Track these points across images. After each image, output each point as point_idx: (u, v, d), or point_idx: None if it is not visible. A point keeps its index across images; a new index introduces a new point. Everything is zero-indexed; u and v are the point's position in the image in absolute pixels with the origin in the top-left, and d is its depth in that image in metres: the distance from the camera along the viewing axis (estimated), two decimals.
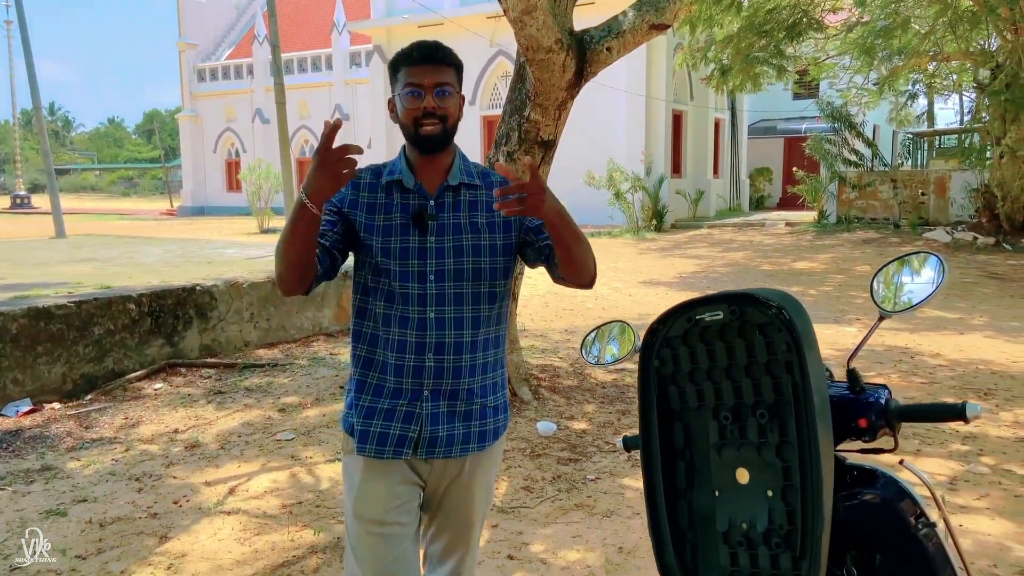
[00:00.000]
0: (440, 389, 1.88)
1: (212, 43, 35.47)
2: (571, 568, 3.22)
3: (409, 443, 1.87)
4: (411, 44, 1.89)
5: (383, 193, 1.92)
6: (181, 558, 3.32)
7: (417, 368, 1.86)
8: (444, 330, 1.87)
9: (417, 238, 1.88)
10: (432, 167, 1.93)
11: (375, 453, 1.88)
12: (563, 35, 4.42)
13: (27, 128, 65.90)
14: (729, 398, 1.48)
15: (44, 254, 9.81)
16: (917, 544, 1.55)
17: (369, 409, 1.89)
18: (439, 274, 1.87)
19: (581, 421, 5.00)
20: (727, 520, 1.48)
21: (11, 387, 5.27)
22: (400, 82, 1.86)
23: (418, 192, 1.91)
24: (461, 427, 1.91)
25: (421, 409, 1.87)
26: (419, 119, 1.84)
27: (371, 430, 1.88)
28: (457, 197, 1.93)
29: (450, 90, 1.85)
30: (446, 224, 1.90)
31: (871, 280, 1.69)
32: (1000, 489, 3.91)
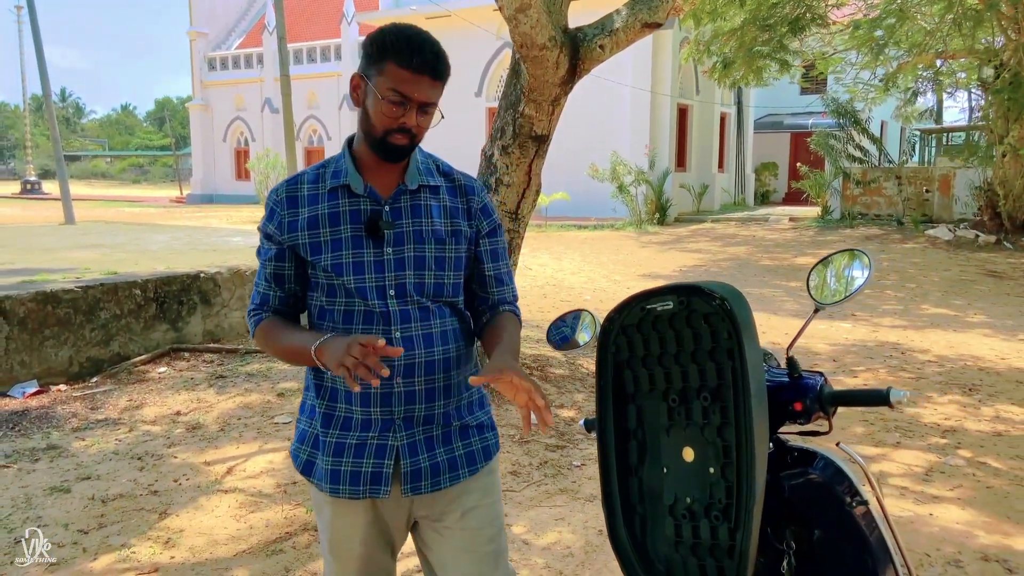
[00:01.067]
0: (412, 416, 1.71)
1: (223, 32, 35.61)
2: (551, 549, 3.36)
3: (386, 479, 1.70)
4: (409, 37, 1.62)
5: (326, 201, 1.70)
6: (179, 533, 3.47)
7: (385, 395, 1.69)
8: (412, 350, 1.69)
9: (372, 250, 1.69)
10: (386, 167, 1.73)
11: (349, 494, 1.71)
12: (557, 32, 4.53)
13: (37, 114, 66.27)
14: (677, 382, 1.60)
15: (52, 240, 9.98)
16: (851, 520, 1.66)
17: (338, 445, 1.71)
18: (400, 288, 1.69)
19: (570, 409, 5.13)
20: (673, 495, 1.59)
21: (18, 369, 5.43)
22: (385, 77, 1.61)
23: (370, 197, 1.71)
24: (443, 453, 1.74)
25: (394, 440, 1.70)
26: (392, 130, 1.64)
27: (342, 469, 1.70)
28: (416, 201, 1.73)
29: (433, 109, 1.68)
30: (404, 232, 1.71)
31: (807, 275, 1.80)
32: (973, 480, 4.03)
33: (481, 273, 1.83)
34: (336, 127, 31.69)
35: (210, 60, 34.77)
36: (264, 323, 1.77)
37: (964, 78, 18.05)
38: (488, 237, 1.83)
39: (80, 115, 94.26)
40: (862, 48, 14.30)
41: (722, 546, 1.52)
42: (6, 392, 5.30)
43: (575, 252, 13.79)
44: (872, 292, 10.11)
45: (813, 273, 1.80)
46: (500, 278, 1.86)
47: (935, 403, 5.33)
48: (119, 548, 3.34)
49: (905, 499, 3.79)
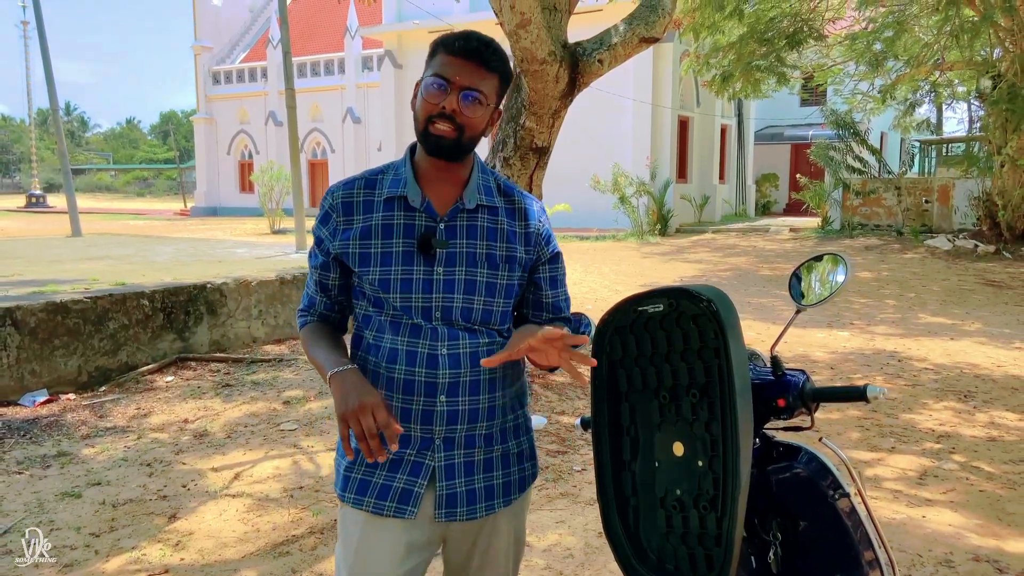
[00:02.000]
0: (454, 437, 1.64)
1: (227, 46, 35.90)
2: (552, 550, 3.44)
3: (415, 500, 1.62)
4: (463, 31, 1.61)
5: (380, 211, 1.64)
6: (188, 536, 3.56)
7: (427, 412, 1.62)
8: (459, 368, 1.62)
9: (423, 268, 1.62)
10: (445, 179, 1.66)
11: (373, 508, 1.63)
12: (556, 47, 4.65)
13: (43, 128, 66.69)
14: (668, 380, 1.68)
15: (60, 252, 10.11)
16: (834, 511, 1.74)
17: None
18: (446, 311, 1.63)
19: (571, 416, 5.21)
20: (664, 487, 1.68)
21: (29, 378, 5.52)
22: (432, 67, 1.59)
23: (426, 212, 1.64)
24: (482, 480, 1.67)
25: (432, 460, 1.63)
26: (432, 116, 1.57)
27: (372, 480, 1.64)
28: (472, 221, 1.66)
29: (480, 98, 1.58)
30: (458, 252, 1.64)
31: (789, 278, 1.89)
32: (966, 484, 4.10)
33: (539, 300, 1.79)
34: (340, 140, 31.91)
35: (214, 74, 35.04)
36: (307, 327, 1.76)
37: (963, 90, 18.20)
38: (549, 264, 1.78)
39: (85, 129, 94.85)
40: (860, 60, 14.46)
41: (710, 534, 1.60)
42: (17, 401, 5.39)
43: (577, 263, 13.88)
44: (871, 301, 10.19)
45: (794, 277, 1.89)
46: (559, 306, 1.82)
47: (931, 409, 5.40)
48: (130, 550, 3.42)
49: (898, 502, 3.87)
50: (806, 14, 12.57)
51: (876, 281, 11.97)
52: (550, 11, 4.83)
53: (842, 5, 13.63)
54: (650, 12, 4.99)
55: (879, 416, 5.25)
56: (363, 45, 30.89)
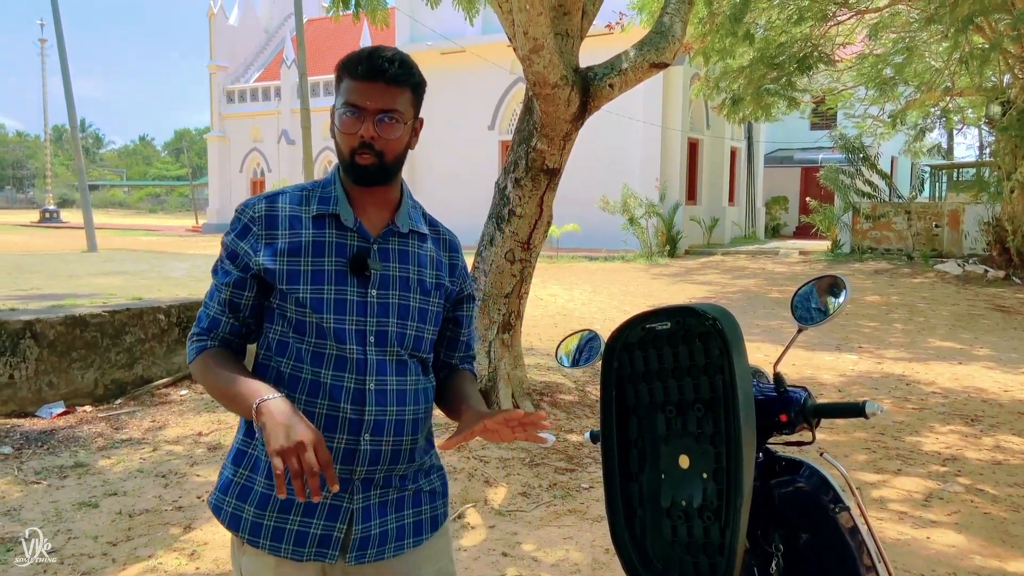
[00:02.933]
0: (373, 477, 1.56)
1: (241, 65, 36.37)
2: (559, 566, 3.49)
3: (335, 543, 1.54)
4: (363, 49, 1.56)
5: (310, 228, 1.57)
6: (203, 546, 3.63)
7: (348, 451, 1.52)
8: (385, 405, 1.55)
9: (356, 289, 1.55)
10: (375, 201, 1.62)
11: (292, 555, 1.53)
12: (568, 72, 4.75)
13: (57, 144, 67.51)
14: (674, 395, 1.75)
15: (77, 267, 10.26)
16: (834, 524, 1.81)
17: (285, 503, 1.52)
18: (380, 336, 1.56)
19: (579, 434, 5.26)
20: (670, 498, 1.75)
21: (46, 390, 5.62)
22: (341, 95, 1.55)
23: (358, 232, 1.58)
24: (394, 520, 1.60)
25: (350, 503, 1.55)
26: (355, 148, 1.53)
27: (287, 527, 1.53)
28: (404, 246, 1.63)
29: (396, 117, 1.54)
30: (390, 276, 1.59)
31: (791, 299, 1.96)
32: (970, 506, 4.14)
33: (455, 337, 1.77)
34: None
35: (228, 93, 35.47)
36: (207, 352, 1.59)
37: (973, 115, 18.28)
38: (467, 302, 1.78)
39: (99, 145, 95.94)
40: (870, 84, 14.56)
41: (713, 544, 1.67)
42: (35, 412, 5.49)
43: (586, 283, 13.96)
44: (880, 325, 10.22)
45: (796, 298, 1.96)
46: (470, 343, 1.83)
47: (937, 432, 5.44)
48: (146, 559, 3.50)
49: (903, 523, 3.91)
50: (816, 39, 12.69)
51: (885, 305, 11.99)
52: (562, 36, 4.95)
53: (853, 31, 13.76)
54: (660, 38, 5.10)
55: (886, 439, 5.28)
56: None
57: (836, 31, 13.43)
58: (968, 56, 12.50)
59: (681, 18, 5.21)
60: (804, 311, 1.92)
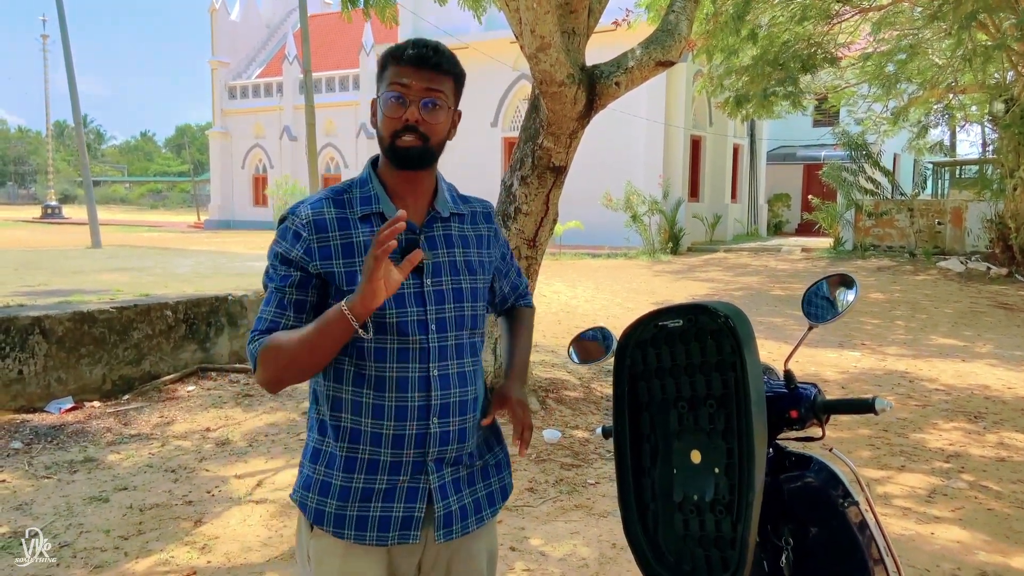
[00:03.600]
0: (444, 457, 1.63)
1: (243, 61, 36.37)
2: (567, 560, 3.52)
3: (417, 524, 1.61)
4: (407, 40, 1.62)
5: (359, 228, 1.60)
6: (214, 540, 3.66)
7: (420, 436, 1.59)
8: (449, 389, 1.63)
9: (412, 281, 1.59)
10: (413, 191, 1.65)
11: (377, 541, 1.59)
12: (575, 70, 4.77)
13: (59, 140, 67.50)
14: (686, 391, 1.78)
15: (82, 263, 10.29)
16: (843, 519, 1.83)
17: (365, 491, 1.59)
18: (440, 323, 1.62)
19: (585, 431, 5.30)
20: (682, 493, 1.78)
21: (55, 386, 5.66)
22: (385, 81, 1.59)
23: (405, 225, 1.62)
24: (469, 495, 1.69)
25: (427, 483, 1.62)
26: (398, 131, 1.57)
27: (370, 515, 1.59)
28: (448, 230, 1.68)
29: (440, 101, 1.59)
30: (441, 263, 1.64)
31: (803, 297, 1.99)
32: (974, 503, 4.16)
33: (504, 286, 1.88)
34: (353, 155, 32.18)
35: (231, 89, 35.47)
36: (267, 340, 1.56)
37: (976, 112, 18.27)
38: (508, 257, 1.87)
39: (100, 141, 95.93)
40: (873, 82, 14.57)
41: (725, 538, 1.69)
42: (43, 408, 5.53)
43: (589, 280, 13.98)
44: (882, 322, 10.24)
45: (806, 296, 1.99)
46: (518, 284, 1.95)
47: (940, 429, 5.47)
48: (158, 552, 3.53)
49: (907, 519, 3.94)
50: (819, 37, 12.70)
51: (888, 303, 12.01)
52: (569, 35, 4.97)
53: (856, 29, 13.76)
54: (666, 36, 5.12)
55: (890, 435, 5.31)
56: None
57: (839, 29, 13.44)
58: (971, 53, 12.51)
59: (687, 16, 5.22)
60: (814, 309, 1.95)
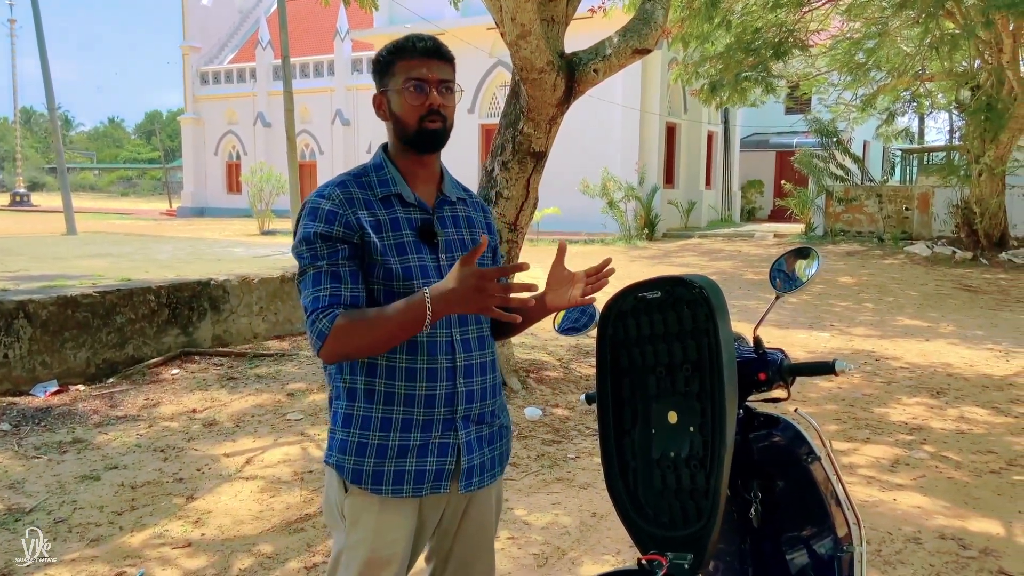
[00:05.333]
0: (470, 415, 1.81)
1: (215, 47, 35.97)
2: (549, 528, 3.68)
3: (448, 475, 1.77)
4: (405, 36, 1.78)
5: (382, 208, 1.76)
6: (207, 514, 3.78)
7: (449, 395, 1.77)
8: (471, 351, 1.81)
9: (429, 256, 1.77)
10: (425, 176, 1.84)
11: (412, 493, 1.75)
12: (554, 57, 4.90)
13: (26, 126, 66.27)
14: (664, 358, 1.93)
15: (60, 249, 10.26)
16: (807, 473, 2.00)
17: (401, 447, 1.74)
18: None
19: (564, 408, 5.46)
20: (660, 450, 1.93)
21: (40, 369, 5.71)
22: (398, 75, 1.74)
23: (419, 206, 1.80)
24: (488, 452, 1.87)
25: (455, 438, 1.78)
26: (424, 116, 1.73)
27: (406, 469, 1.74)
28: (455, 212, 1.87)
29: (452, 87, 1.78)
30: (452, 240, 1.83)
31: (770, 269, 2.15)
32: (935, 471, 4.38)
33: None
34: (328, 142, 32.05)
35: (203, 74, 35.09)
36: (340, 316, 1.64)
37: (943, 100, 18.65)
38: (497, 250, 2.04)
39: (68, 127, 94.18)
40: (843, 69, 14.84)
41: (699, 490, 1.85)
42: (29, 391, 5.57)
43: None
44: (851, 304, 10.51)
45: (774, 268, 2.14)
46: None
47: (904, 404, 5.70)
48: (152, 526, 3.64)
49: (871, 487, 4.14)
50: (792, 24, 12.91)
51: (857, 286, 12.31)
52: (548, 23, 5.08)
53: (827, 16, 14.00)
54: (643, 25, 5.25)
55: (856, 410, 5.53)
56: (353, 48, 31.07)
57: (811, 16, 13.67)
58: (939, 41, 12.80)
59: (663, 5, 5.36)
60: (781, 279, 2.11)
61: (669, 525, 1.90)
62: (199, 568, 3.28)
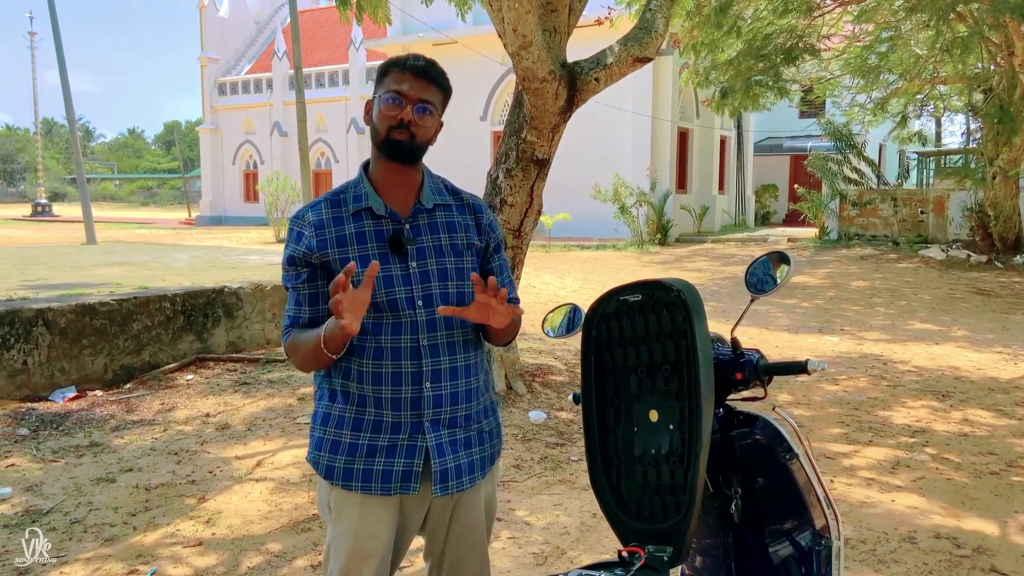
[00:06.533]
0: (439, 419, 1.87)
1: (233, 57, 36.41)
2: (549, 528, 3.76)
3: (416, 477, 1.84)
4: (408, 53, 1.90)
5: (351, 223, 1.87)
6: (218, 514, 3.89)
7: (415, 399, 1.84)
8: (439, 356, 1.87)
9: (398, 265, 1.85)
10: (401, 185, 1.91)
11: (381, 491, 1.84)
12: (556, 67, 4.99)
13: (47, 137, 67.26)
14: (645, 358, 2.01)
15: (79, 258, 10.46)
16: (785, 469, 2.07)
17: (370, 447, 1.84)
18: (427, 299, 1.86)
19: (568, 412, 5.54)
20: (642, 448, 2.01)
21: (58, 375, 5.86)
22: (385, 86, 1.85)
23: (390, 217, 1.88)
24: (465, 456, 1.91)
25: (423, 441, 1.85)
26: (392, 127, 1.82)
27: (374, 468, 1.84)
28: (432, 219, 1.92)
29: (431, 109, 1.85)
30: (425, 247, 1.89)
31: (745, 272, 2.22)
32: (934, 473, 4.42)
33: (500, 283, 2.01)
34: (344, 150, 32.32)
35: (220, 85, 35.53)
36: (290, 338, 1.89)
37: (958, 102, 18.56)
38: (496, 252, 2.05)
39: (89, 138, 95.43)
40: (857, 73, 14.82)
41: (678, 485, 1.92)
42: (47, 396, 5.72)
43: (577, 271, 14.21)
44: (863, 309, 10.52)
45: (748, 272, 2.22)
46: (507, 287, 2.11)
47: (908, 407, 5.72)
48: (165, 526, 3.76)
49: (870, 488, 4.19)
50: (802, 30, 12.92)
51: (869, 290, 12.29)
52: (550, 33, 5.18)
53: (839, 20, 13.99)
54: (643, 33, 5.34)
55: (859, 413, 5.57)
56: (367, 57, 31.36)
57: (822, 21, 13.68)
58: (950, 44, 12.77)
59: (663, 14, 5.44)
60: (756, 282, 2.19)
61: (650, 519, 1.98)
62: (210, 566, 3.39)
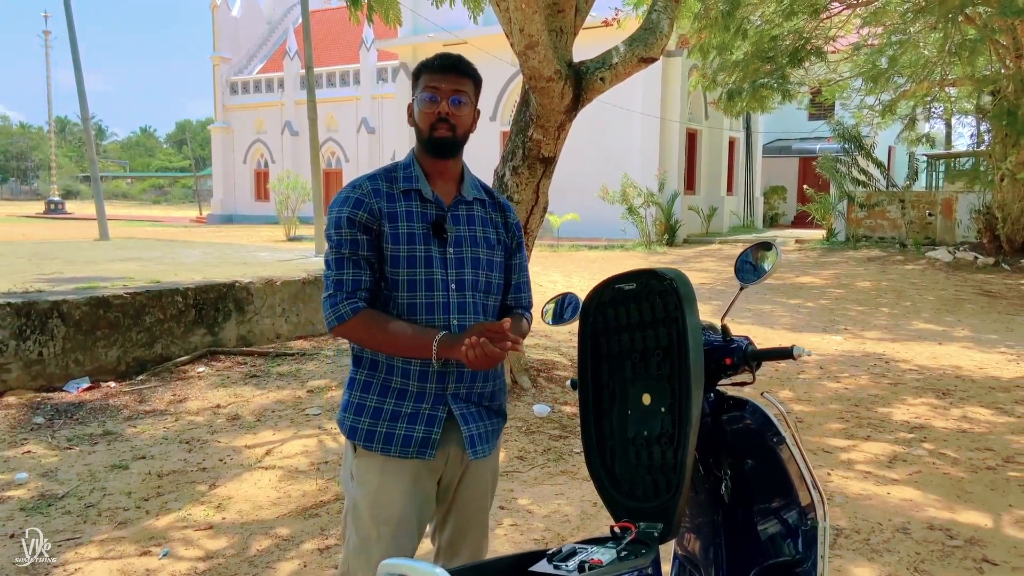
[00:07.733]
0: (461, 393, 2.00)
1: (245, 57, 36.67)
2: (551, 516, 3.85)
3: (433, 444, 1.96)
4: (436, 54, 2.04)
5: (401, 201, 2.00)
6: (228, 500, 4.00)
7: (441, 374, 1.97)
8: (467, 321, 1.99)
9: (437, 248, 1.99)
10: (445, 176, 2.06)
11: (400, 454, 1.96)
12: (562, 66, 5.08)
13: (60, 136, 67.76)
14: (639, 344, 2.10)
15: (93, 254, 10.62)
16: (773, 452, 2.16)
17: (394, 412, 1.97)
18: (460, 283, 2.00)
19: (572, 405, 5.63)
20: (635, 430, 2.10)
21: (73, 367, 5.98)
22: (420, 87, 2.00)
23: (435, 203, 2.02)
24: (483, 426, 2.06)
25: (444, 413, 1.98)
26: (434, 124, 1.97)
27: (396, 432, 1.96)
28: (471, 211, 2.08)
29: (465, 99, 1.99)
30: (462, 236, 2.04)
31: (735, 262, 2.31)
32: (931, 467, 4.49)
33: (511, 282, 2.20)
34: (354, 150, 32.51)
35: (232, 84, 35.79)
36: (366, 312, 1.95)
37: (967, 105, 18.55)
38: (518, 251, 2.19)
39: (102, 137, 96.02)
40: (865, 75, 14.84)
41: (668, 464, 2.01)
42: (62, 387, 5.85)
43: (585, 271, 14.29)
44: (867, 309, 10.56)
45: (737, 262, 2.31)
46: (521, 286, 2.23)
47: (908, 404, 5.79)
48: (177, 511, 3.87)
49: (867, 481, 4.26)
50: (809, 32, 12.98)
51: (875, 290, 12.33)
52: (556, 33, 5.27)
53: (847, 22, 14.03)
54: (648, 34, 5.42)
55: (860, 410, 5.63)
56: (378, 57, 31.54)
57: (829, 23, 13.72)
58: (959, 47, 12.80)
59: (668, 15, 5.53)
60: (744, 272, 2.27)
61: (642, 497, 2.07)
62: (220, 549, 3.49)
